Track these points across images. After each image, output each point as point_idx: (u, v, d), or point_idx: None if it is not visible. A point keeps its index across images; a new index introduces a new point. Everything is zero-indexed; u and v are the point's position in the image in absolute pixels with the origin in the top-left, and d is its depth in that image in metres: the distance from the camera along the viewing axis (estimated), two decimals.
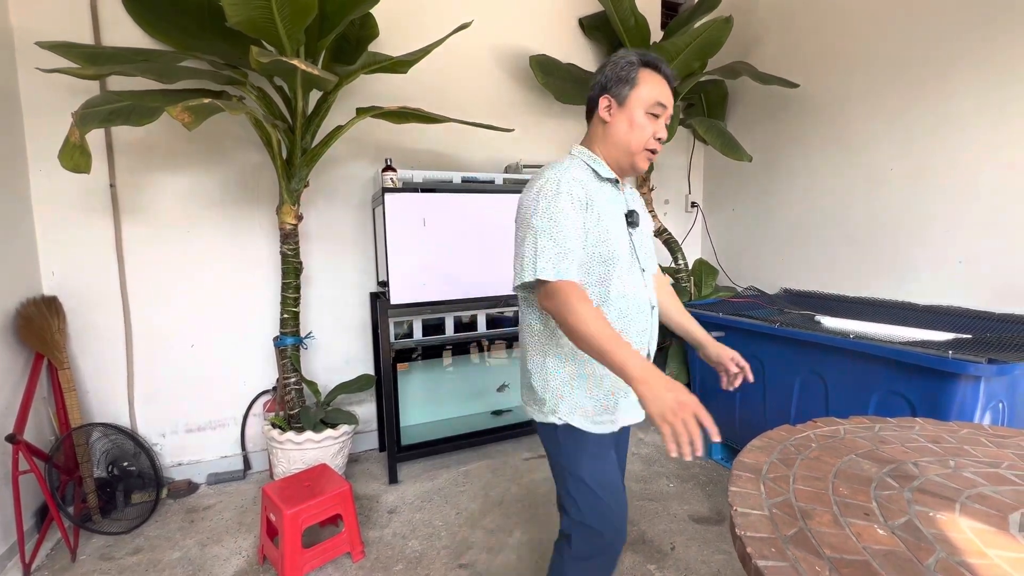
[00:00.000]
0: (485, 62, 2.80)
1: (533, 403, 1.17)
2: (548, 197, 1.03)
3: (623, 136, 1.11)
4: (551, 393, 1.12)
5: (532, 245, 1.02)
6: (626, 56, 1.11)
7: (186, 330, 2.31)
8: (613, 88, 1.10)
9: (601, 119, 1.13)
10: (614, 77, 1.10)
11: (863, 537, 0.70)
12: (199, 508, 2.16)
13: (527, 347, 1.17)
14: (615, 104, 1.10)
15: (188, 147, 2.24)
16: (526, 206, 1.07)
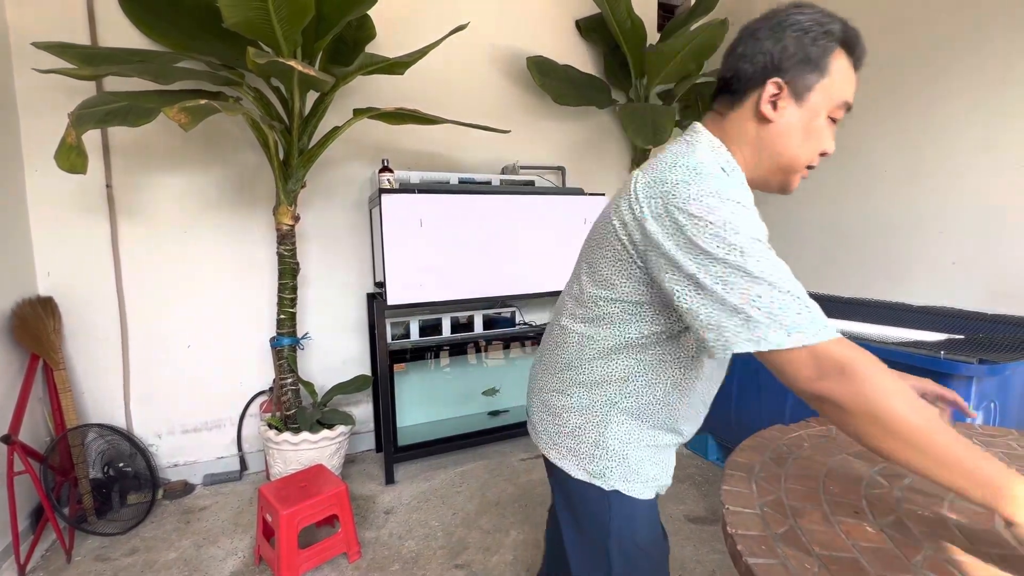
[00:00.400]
0: (482, 64, 2.81)
1: (570, 455, 0.89)
2: (735, 211, 0.67)
3: (790, 146, 0.77)
4: (605, 455, 0.86)
5: (746, 286, 0.64)
6: (822, 20, 0.72)
7: (182, 331, 2.31)
8: (792, 69, 0.73)
9: (758, 112, 0.76)
10: (799, 53, 0.72)
11: (852, 535, 0.70)
12: (195, 509, 2.15)
13: (576, 390, 0.88)
14: (789, 96, 0.74)
15: (185, 148, 2.24)
16: (706, 228, 0.65)
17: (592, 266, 0.83)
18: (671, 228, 0.69)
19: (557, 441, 0.91)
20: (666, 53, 2.60)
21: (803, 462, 0.93)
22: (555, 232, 2.53)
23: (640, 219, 0.72)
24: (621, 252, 0.77)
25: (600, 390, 0.86)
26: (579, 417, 0.88)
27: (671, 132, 2.42)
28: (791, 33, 0.72)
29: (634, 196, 0.74)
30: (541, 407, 0.96)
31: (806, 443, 1.01)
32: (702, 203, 0.67)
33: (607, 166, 3.23)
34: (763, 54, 0.74)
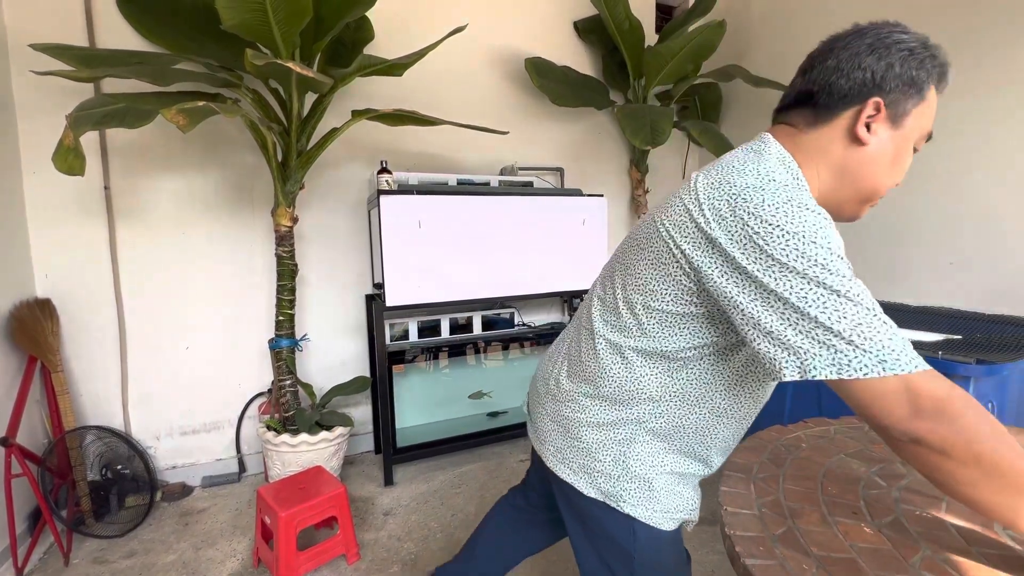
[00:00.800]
0: (480, 65, 2.81)
1: (583, 472, 0.84)
2: (816, 222, 0.60)
3: (877, 173, 0.71)
4: (625, 476, 0.81)
5: (831, 304, 0.58)
6: (928, 44, 0.69)
7: (181, 332, 2.31)
8: (896, 91, 0.67)
9: (852, 133, 0.69)
10: (905, 74, 0.66)
11: (850, 535, 0.71)
12: (193, 511, 2.15)
13: (596, 404, 0.82)
14: (886, 118, 0.68)
15: (183, 149, 2.24)
16: (780, 241, 0.59)
17: (629, 269, 0.76)
18: (740, 234, 0.61)
19: (568, 456, 0.85)
20: (664, 54, 2.60)
21: (801, 462, 0.93)
22: (554, 233, 2.53)
23: (699, 222, 0.65)
24: (666, 256, 0.70)
25: (627, 408, 0.79)
26: (598, 433, 0.81)
27: (669, 133, 2.42)
28: (897, 52, 0.67)
29: (693, 196, 0.67)
30: (550, 418, 0.89)
31: (804, 444, 1.01)
32: (778, 210, 0.60)
33: (605, 167, 3.24)
34: (863, 70, 0.67)
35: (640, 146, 2.46)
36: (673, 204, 0.71)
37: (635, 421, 0.80)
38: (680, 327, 0.72)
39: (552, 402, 0.89)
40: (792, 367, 0.59)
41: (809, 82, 0.74)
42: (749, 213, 0.61)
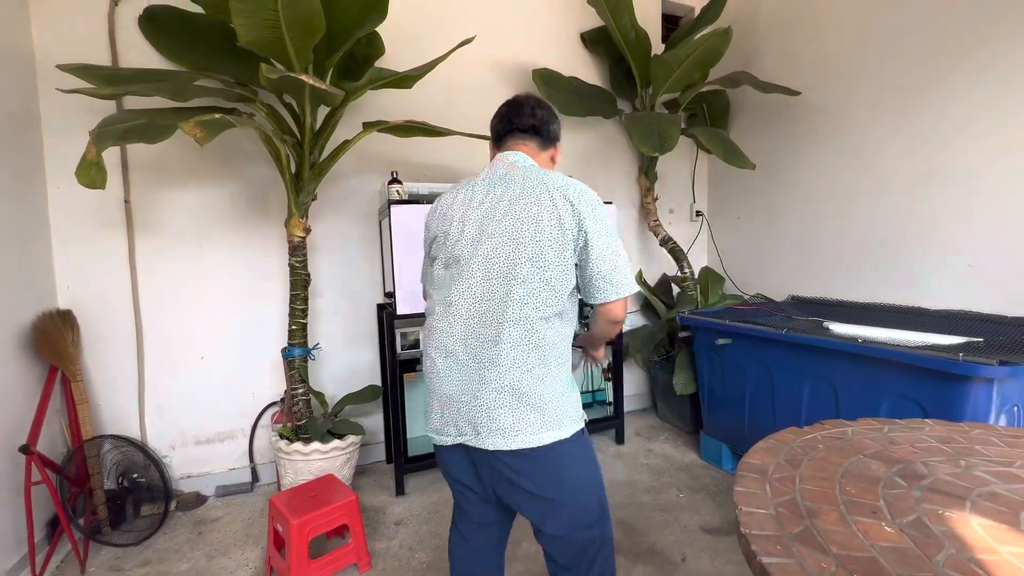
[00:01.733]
0: (489, 77, 2.86)
1: (549, 425, 1.03)
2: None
3: None
4: (571, 404, 1.10)
5: (624, 257, 1.08)
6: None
7: (196, 342, 2.35)
8: (559, 140, 1.28)
9: (552, 159, 1.28)
10: (559, 133, 1.26)
11: (870, 535, 0.69)
12: (207, 520, 2.16)
13: (543, 367, 1.04)
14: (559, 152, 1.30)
15: (200, 163, 2.30)
16: (603, 212, 1.06)
17: (537, 259, 1.03)
18: (596, 213, 1.05)
19: (536, 424, 1.04)
20: (671, 62, 2.62)
21: (818, 463, 0.91)
22: None
23: (580, 210, 1.03)
24: (562, 238, 1.03)
25: (558, 363, 1.09)
26: (550, 389, 1.06)
27: (677, 139, 2.43)
28: (557, 119, 1.24)
29: (566, 198, 1.04)
30: (507, 408, 1.03)
31: (821, 445, 0.99)
32: (598, 199, 1.09)
33: (614, 175, 3.25)
34: (555, 126, 1.23)
35: (648, 153, 2.47)
36: (549, 209, 1.03)
37: (561, 368, 1.10)
38: (571, 283, 1.07)
39: (508, 393, 1.03)
40: (608, 294, 1.06)
41: (538, 121, 1.19)
42: (595, 202, 1.07)
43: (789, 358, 2.02)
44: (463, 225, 1.09)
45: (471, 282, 1.06)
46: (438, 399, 1.11)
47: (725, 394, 2.37)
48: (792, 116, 2.86)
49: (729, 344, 2.27)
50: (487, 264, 1.05)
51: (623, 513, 2.09)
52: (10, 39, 1.93)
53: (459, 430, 1.08)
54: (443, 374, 1.10)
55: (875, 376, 1.70)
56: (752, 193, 3.17)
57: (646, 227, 3.25)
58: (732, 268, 3.30)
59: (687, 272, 3.04)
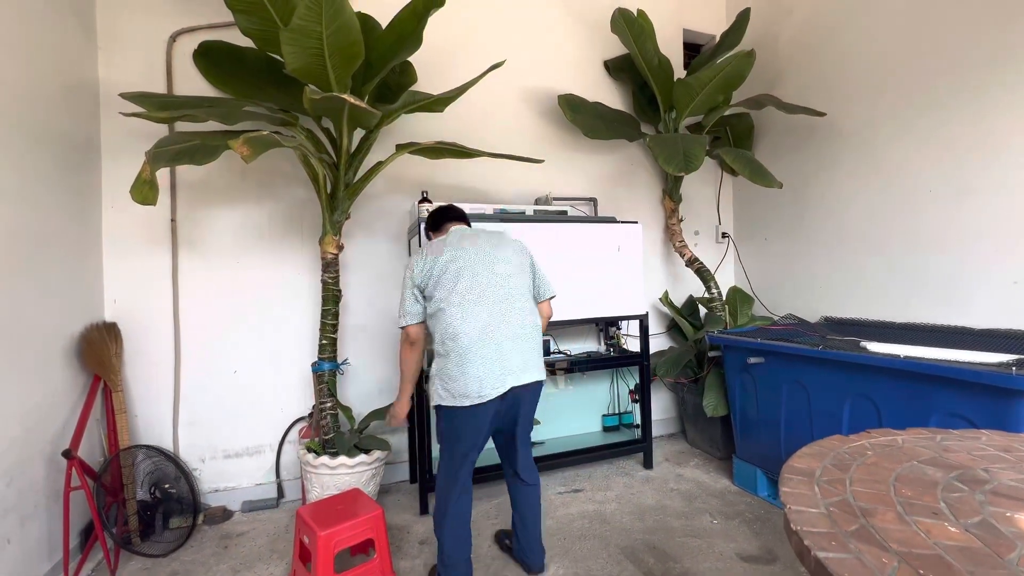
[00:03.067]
0: (515, 102, 2.95)
1: (542, 369, 1.75)
2: None
3: None
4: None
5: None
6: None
7: (230, 357, 2.41)
8: None
9: None
10: None
11: (933, 534, 0.65)
12: (233, 535, 2.16)
13: (537, 335, 1.74)
14: None
15: (242, 184, 2.42)
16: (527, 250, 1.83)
17: (525, 277, 1.75)
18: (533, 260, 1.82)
19: (539, 366, 1.73)
20: (694, 85, 2.67)
21: (868, 468, 0.87)
22: (590, 259, 2.54)
23: (528, 251, 1.82)
24: (528, 267, 1.78)
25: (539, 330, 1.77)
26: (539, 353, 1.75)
27: (702, 159, 2.45)
28: None
29: (520, 246, 1.80)
30: (535, 353, 1.71)
31: (870, 451, 0.95)
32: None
33: (638, 196, 3.27)
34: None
35: (674, 172, 2.49)
36: (520, 252, 1.78)
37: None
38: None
39: (531, 344, 1.70)
40: (550, 293, 1.82)
41: (462, 212, 1.91)
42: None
43: (827, 376, 1.95)
44: (474, 269, 1.64)
45: (493, 295, 1.64)
46: (476, 371, 1.56)
47: (758, 416, 2.29)
48: (817, 137, 2.85)
49: (762, 363, 2.21)
50: (503, 285, 1.66)
51: (654, 538, 2.01)
52: (79, 72, 2.10)
53: (510, 378, 1.60)
54: (481, 352, 1.58)
55: (920, 393, 1.63)
56: (778, 214, 3.15)
57: (671, 248, 3.24)
58: (761, 290, 3.24)
59: (715, 293, 3.00)
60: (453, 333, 1.57)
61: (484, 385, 1.56)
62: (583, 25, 3.12)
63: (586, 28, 3.12)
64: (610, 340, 2.90)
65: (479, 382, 1.55)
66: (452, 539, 1.63)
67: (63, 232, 1.95)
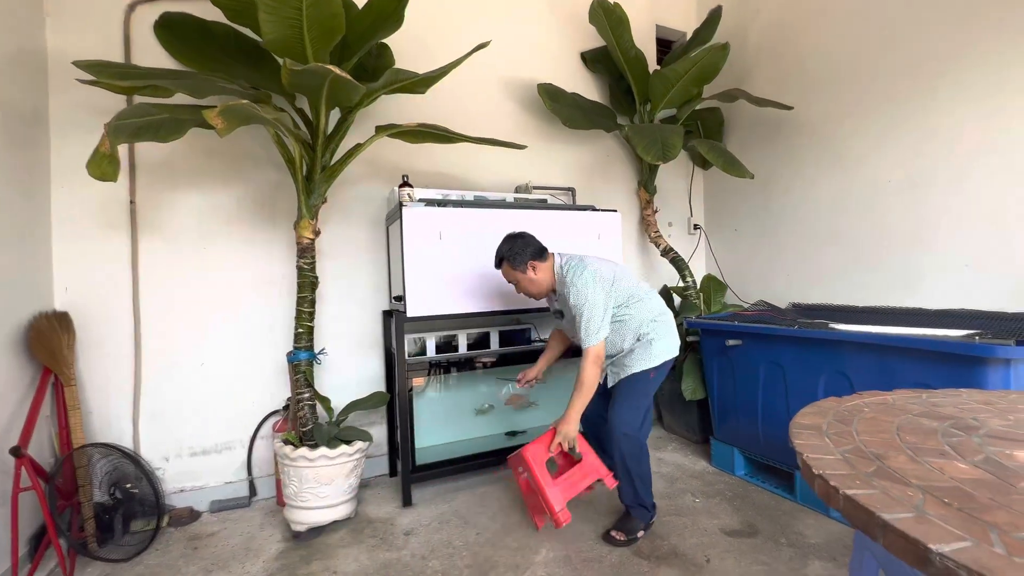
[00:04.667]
0: (494, 91, 2.94)
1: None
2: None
3: None
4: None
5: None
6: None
7: (196, 348, 2.27)
8: None
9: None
10: None
11: (946, 471, 0.68)
12: (202, 535, 2.03)
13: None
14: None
15: (208, 165, 2.29)
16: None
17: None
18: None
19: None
20: (670, 77, 2.73)
21: (869, 422, 0.91)
22: (570, 248, 2.54)
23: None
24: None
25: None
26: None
27: (680, 148, 2.50)
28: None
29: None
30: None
31: (867, 409, 0.99)
32: None
33: (615, 188, 3.32)
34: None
35: (652, 161, 2.53)
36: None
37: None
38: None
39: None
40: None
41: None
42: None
43: (803, 354, 2.03)
44: (625, 271, 2.02)
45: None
46: (676, 335, 1.96)
47: (736, 397, 2.36)
48: (784, 131, 2.98)
49: (740, 345, 2.28)
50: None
51: None
52: (23, 40, 1.93)
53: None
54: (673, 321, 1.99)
55: (889, 366, 1.72)
56: (748, 206, 3.26)
57: (647, 239, 3.30)
58: (731, 279, 3.35)
59: (689, 282, 3.08)
60: (659, 311, 1.94)
61: (677, 346, 1.96)
62: (560, 16, 3.14)
63: (563, 19, 3.14)
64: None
65: (677, 343, 1.95)
66: (648, 465, 1.91)
67: (7, 212, 1.78)
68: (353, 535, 1.99)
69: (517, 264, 1.90)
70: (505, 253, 1.92)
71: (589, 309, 1.79)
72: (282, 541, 1.97)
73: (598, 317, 1.79)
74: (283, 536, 2.01)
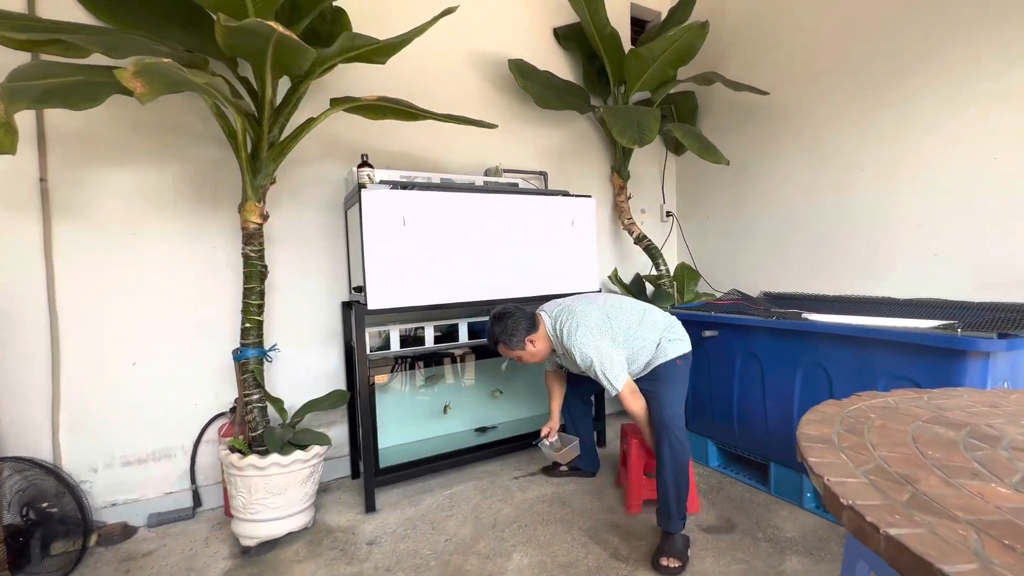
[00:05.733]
0: (462, 67, 2.74)
1: None
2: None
3: None
4: None
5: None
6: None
7: (127, 346, 2.02)
8: None
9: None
10: None
11: (987, 496, 0.60)
12: (138, 555, 1.83)
13: None
14: None
15: (136, 140, 2.02)
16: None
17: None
18: None
19: None
20: (647, 57, 2.61)
21: (881, 431, 0.83)
22: (543, 235, 2.43)
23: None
24: None
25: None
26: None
27: (657, 131, 2.40)
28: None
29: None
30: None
31: (872, 414, 0.91)
32: None
33: (587, 173, 3.20)
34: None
35: (627, 145, 2.42)
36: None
37: None
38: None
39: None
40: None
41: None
42: None
43: (781, 346, 1.99)
44: (617, 303, 2.00)
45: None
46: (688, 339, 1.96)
47: (711, 388, 2.32)
48: (758, 117, 2.93)
49: (716, 336, 2.23)
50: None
51: (615, 517, 1.96)
52: None
53: None
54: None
55: (868, 358, 1.69)
56: (720, 193, 3.22)
57: (620, 226, 3.21)
58: (703, 267, 3.32)
59: (663, 270, 3.02)
60: (666, 323, 1.94)
61: (689, 343, 1.96)
62: None
63: None
64: None
65: (689, 342, 1.95)
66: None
67: None
68: (310, 548, 1.84)
69: (514, 345, 1.87)
70: (499, 336, 1.87)
71: (600, 361, 1.75)
72: (229, 558, 1.79)
73: (615, 363, 1.76)
74: (231, 552, 1.83)
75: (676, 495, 1.67)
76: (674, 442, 1.69)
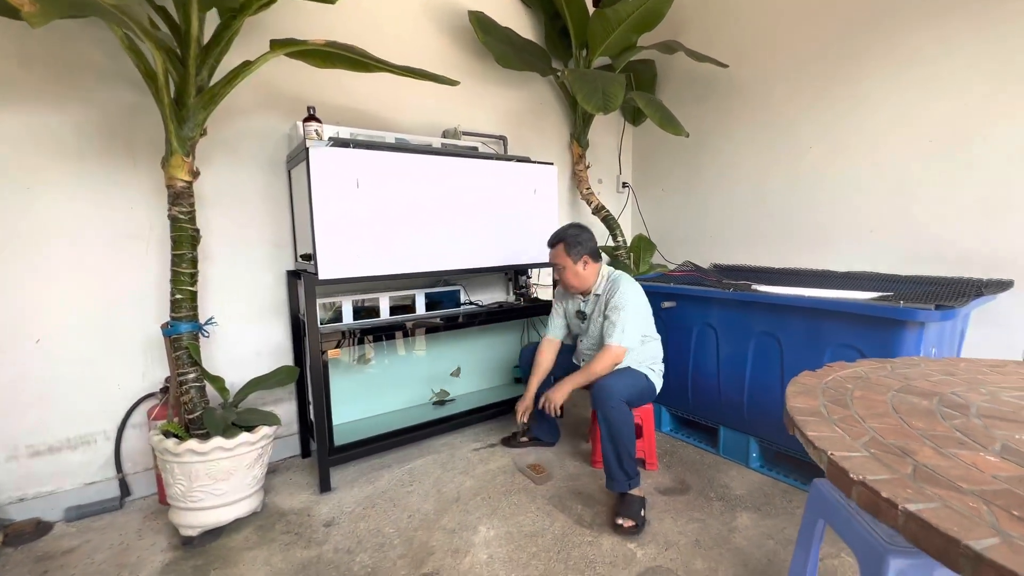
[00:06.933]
0: (419, 16, 2.52)
1: None
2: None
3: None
4: None
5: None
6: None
7: (28, 321, 1.74)
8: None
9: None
10: None
11: (981, 466, 0.62)
12: (56, 553, 1.63)
13: None
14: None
15: (26, 76, 1.68)
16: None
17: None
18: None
19: None
20: (612, 19, 2.53)
21: (862, 402, 0.85)
22: (504, 202, 2.34)
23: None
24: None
25: None
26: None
27: (622, 98, 2.35)
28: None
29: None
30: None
31: (849, 384, 0.94)
32: None
33: (547, 139, 3.12)
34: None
35: (592, 111, 2.36)
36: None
37: None
38: None
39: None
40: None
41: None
42: None
43: (735, 316, 2.07)
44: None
45: None
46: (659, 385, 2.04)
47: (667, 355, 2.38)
48: (717, 91, 2.96)
49: (674, 307, 2.28)
50: None
51: (577, 484, 2.00)
52: None
53: None
54: None
55: (817, 328, 1.79)
56: (676, 166, 3.26)
57: (578, 196, 3.18)
58: (656, 238, 3.38)
59: (620, 241, 3.04)
60: (660, 357, 2.05)
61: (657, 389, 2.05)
62: None
63: None
64: (520, 290, 2.78)
65: (658, 389, 2.05)
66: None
67: None
68: (262, 533, 1.72)
69: (573, 251, 1.90)
70: (567, 236, 1.91)
71: (632, 308, 1.85)
72: (169, 549, 1.64)
73: (636, 319, 1.86)
74: (169, 543, 1.68)
75: (616, 457, 1.73)
76: (609, 410, 1.73)
